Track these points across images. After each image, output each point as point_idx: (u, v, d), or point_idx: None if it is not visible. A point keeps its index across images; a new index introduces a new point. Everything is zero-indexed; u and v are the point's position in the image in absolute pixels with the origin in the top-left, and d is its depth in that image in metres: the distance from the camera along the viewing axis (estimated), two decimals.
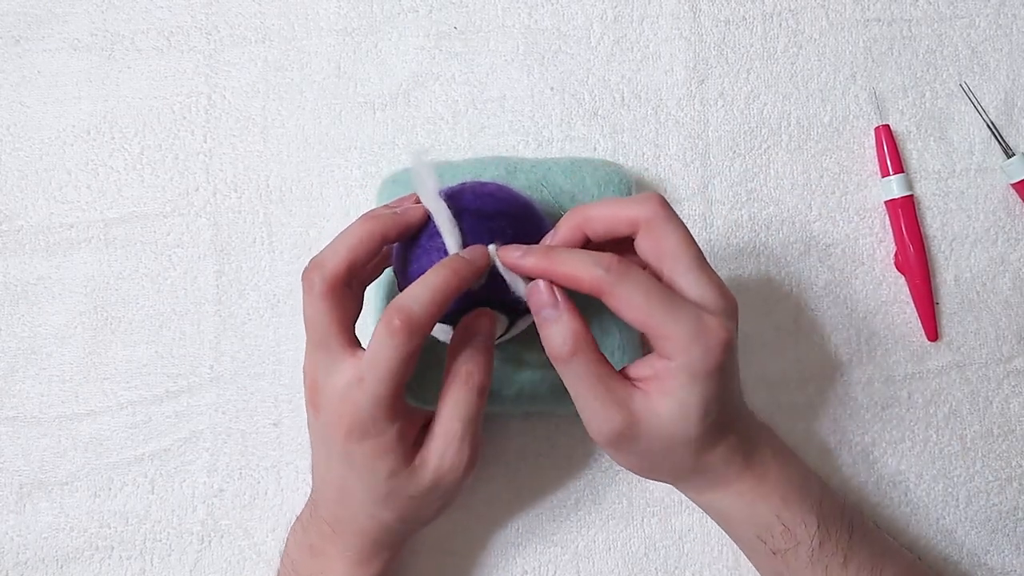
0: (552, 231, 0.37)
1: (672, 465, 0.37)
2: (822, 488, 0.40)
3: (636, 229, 0.35)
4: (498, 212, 0.37)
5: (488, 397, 0.43)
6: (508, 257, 0.35)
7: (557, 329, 0.34)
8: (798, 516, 0.38)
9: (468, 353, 0.36)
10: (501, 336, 0.40)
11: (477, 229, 0.36)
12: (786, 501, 0.38)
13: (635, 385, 0.34)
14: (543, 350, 0.35)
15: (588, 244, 0.36)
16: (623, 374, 0.35)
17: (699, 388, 0.33)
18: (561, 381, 0.42)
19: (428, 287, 0.33)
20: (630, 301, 0.32)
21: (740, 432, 0.37)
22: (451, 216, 0.36)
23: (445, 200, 0.36)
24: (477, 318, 0.36)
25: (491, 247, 0.36)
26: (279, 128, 0.50)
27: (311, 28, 0.51)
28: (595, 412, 0.34)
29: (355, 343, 0.36)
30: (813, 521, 0.38)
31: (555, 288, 0.34)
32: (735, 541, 0.41)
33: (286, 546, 0.41)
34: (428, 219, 0.37)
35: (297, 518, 0.42)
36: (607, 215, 0.35)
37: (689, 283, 0.34)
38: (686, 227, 0.35)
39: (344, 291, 0.35)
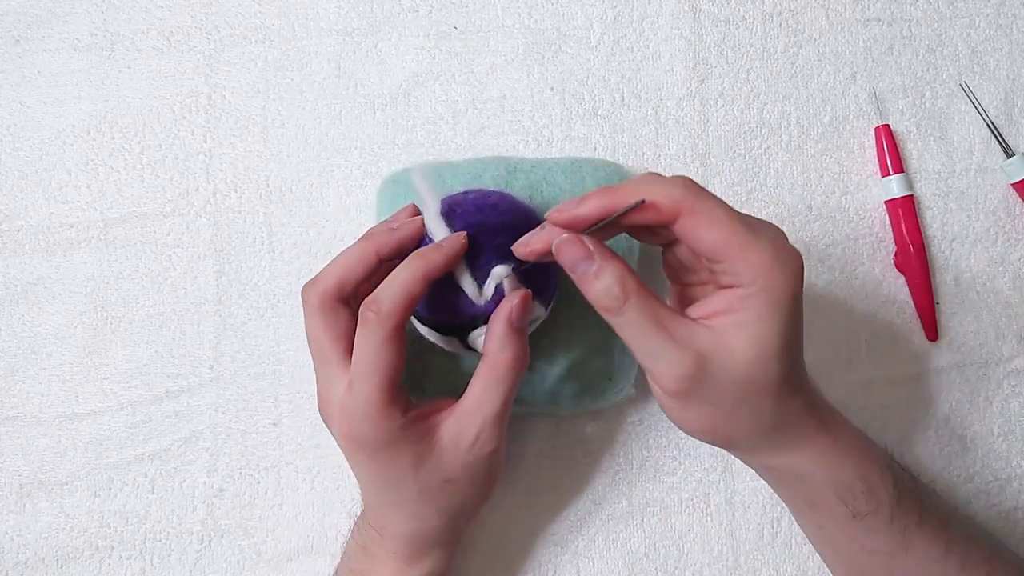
0: (577, 200, 0.34)
1: (751, 415, 0.33)
2: (884, 449, 0.38)
3: (675, 215, 0.32)
4: (501, 226, 0.37)
5: None
6: (561, 216, 0.33)
7: (600, 282, 0.32)
8: (877, 473, 0.35)
9: (516, 338, 0.36)
10: (444, 334, 0.39)
11: (479, 245, 0.36)
12: (863, 460, 0.35)
13: (701, 323, 0.32)
14: (542, 350, 0.35)
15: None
16: (686, 315, 0.33)
17: (780, 318, 0.31)
18: (560, 381, 0.43)
19: (397, 279, 0.34)
20: (712, 216, 0.31)
21: (809, 388, 0.35)
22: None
23: (447, 209, 0.37)
24: (523, 303, 0.36)
25: (495, 268, 0.36)
26: (279, 128, 0.50)
27: (311, 28, 0.51)
28: (657, 359, 0.32)
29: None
30: (890, 479, 0.35)
31: (586, 238, 0.32)
32: (808, 509, 0.37)
33: (346, 544, 0.42)
34: (426, 233, 0.37)
35: (356, 519, 0.42)
36: (640, 192, 0.33)
37: (750, 220, 0.32)
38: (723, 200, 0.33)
39: (337, 307, 0.36)
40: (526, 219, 0.38)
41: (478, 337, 0.37)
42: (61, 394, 0.48)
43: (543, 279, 0.38)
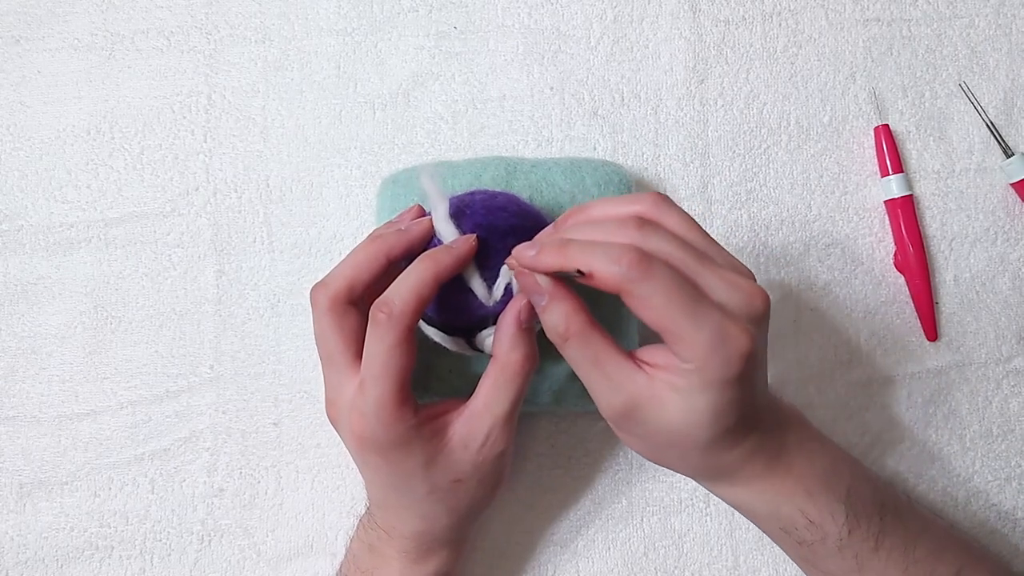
0: (552, 226, 0.36)
1: (680, 460, 0.35)
2: (852, 473, 0.38)
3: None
4: (510, 228, 0.37)
5: None
6: (523, 258, 0.34)
7: (547, 316, 0.33)
8: (824, 509, 0.36)
9: (524, 338, 0.36)
10: (451, 335, 0.39)
11: (488, 246, 0.36)
12: (811, 494, 0.36)
13: (641, 367, 0.33)
14: (548, 350, 0.35)
15: None
16: (632, 355, 0.34)
17: (712, 396, 0.32)
18: (566, 381, 0.43)
19: (408, 280, 0.34)
20: (649, 302, 0.31)
21: (764, 430, 0.36)
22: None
23: (455, 211, 0.37)
24: (523, 303, 0.36)
25: (504, 268, 0.36)
26: (279, 128, 0.50)
27: (311, 28, 0.51)
28: (597, 391, 0.34)
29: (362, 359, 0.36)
30: (841, 511, 0.36)
31: (550, 276, 0.33)
32: (757, 526, 0.39)
33: (350, 542, 0.42)
34: (434, 234, 0.37)
35: (360, 519, 0.42)
36: (609, 215, 0.34)
37: (710, 282, 0.32)
38: (689, 216, 0.34)
39: (347, 308, 0.36)
40: (535, 221, 0.38)
41: (485, 338, 0.37)
42: (61, 394, 0.48)
43: None
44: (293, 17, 0.51)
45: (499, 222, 0.37)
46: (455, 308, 0.37)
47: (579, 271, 0.32)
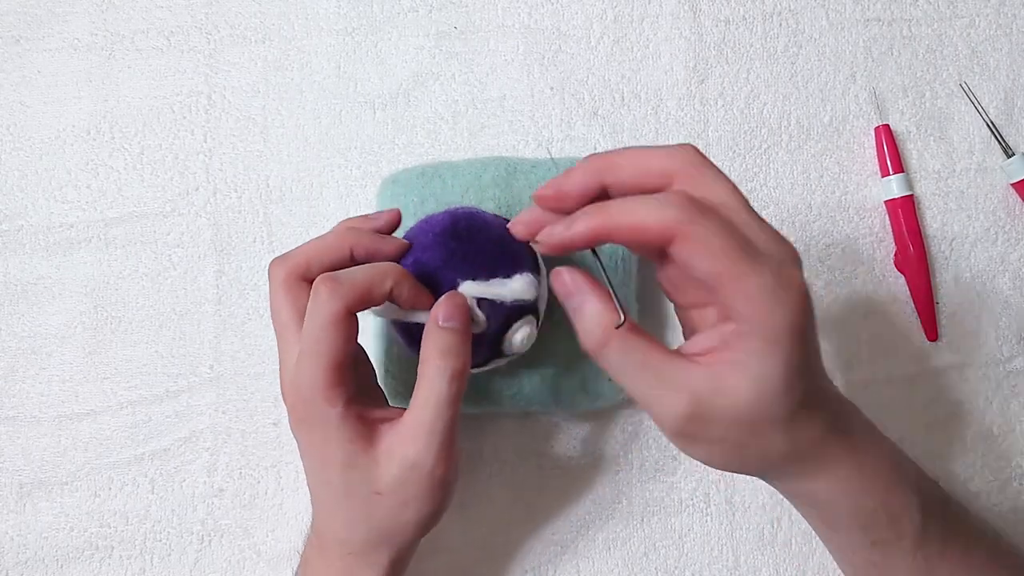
0: (564, 174, 0.32)
1: (760, 451, 0.31)
2: (916, 466, 0.35)
3: (669, 182, 0.30)
4: (475, 252, 0.37)
5: (488, 397, 0.43)
6: (553, 236, 0.31)
7: (580, 321, 0.31)
8: (903, 503, 0.33)
9: (442, 338, 0.34)
10: (481, 368, 0.40)
11: (450, 272, 0.36)
12: (889, 487, 0.33)
13: (695, 361, 0.30)
14: (542, 347, 0.35)
15: (599, 198, 0.32)
16: (679, 352, 0.31)
17: (781, 354, 0.28)
18: (560, 381, 0.43)
19: (367, 269, 0.34)
20: (708, 245, 0.28)
21: (831, 407, 0.32)
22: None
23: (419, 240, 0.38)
24: (452, 300, 0.35)
25: (463, 286, 0.36)
26: (279, 128, 0.50)
27: (311, 28, 0.51)
28: (651, 402, 0.30)
29: None
30: (916, 505, 0.33)
31: (578, 272, 0.31)
32: (828, 530, 0.36)
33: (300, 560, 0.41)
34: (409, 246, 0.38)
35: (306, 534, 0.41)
36: (635, 164, 0.31)
37: (757, 233, 0.29)
38: (725, 176, 0.31)
39: (301, 284, 0.36)
40: (495, 241, 0.38)
41: (514, 333, 0.38)
42: (61, 394, 0.48)
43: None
44: (293, 17, 0.51)
45: (460, 248, 0.37)
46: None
47: (596, 256, 0.29)
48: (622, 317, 0.30)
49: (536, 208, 0.33)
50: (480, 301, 0.36)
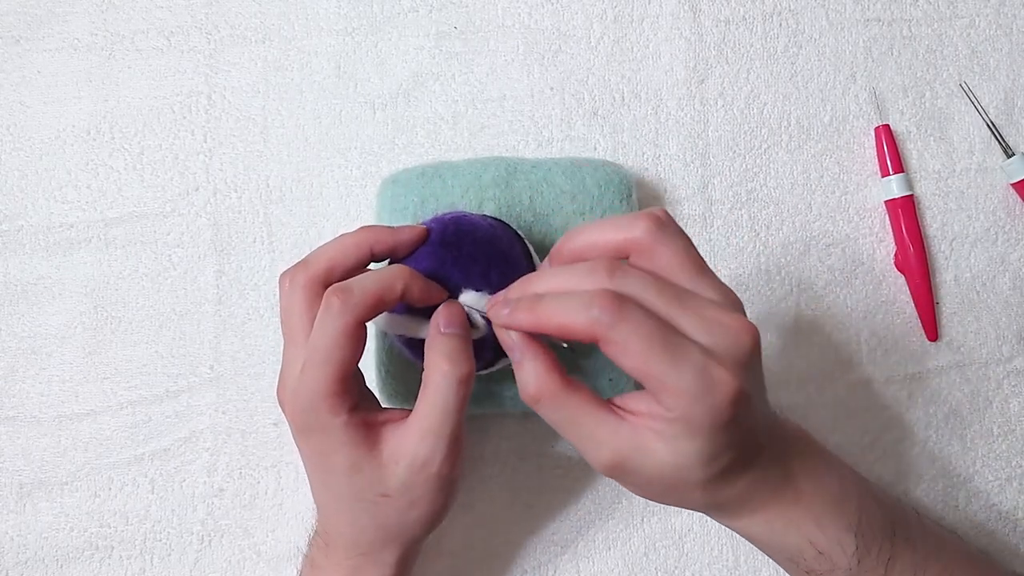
0: (547, 260, 0.35)
1: (681, 501, 0.34)
2: (861, 495, 0.37)
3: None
4: (486, 260, 0.37)
5: (489, 398, 0.43)
6: (497, 317, 0.33)
7: (519, 374, 0.32)
8: (834, 538, 0.35)
9: (446, 344, 0.34)
10: (486, 370, 0.40)
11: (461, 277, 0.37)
12: (820, 523, 0.35)
13: (624, 417, 0.32)
14: None
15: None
16: (613, 404, 0.32)
17: (701, 442, 0.30)
18: None
19: (375, 275, 0.34)
20: (626, 348, 0.29)
21: (766, 459, 0.34)
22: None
23: (443, 238, 0.38)
24: (450, 308, 0.35)
25: (463, 297, 0.36)
26: (279, 128, 0.50)
27: (311, 28, 0.51)
28: (581, 449, 0.33)
29: None
30: (850, 541, 0.35)
31: (523, 334, 0.33)
32: (768, 556, 0.38)
33: (302, 559, 0.41)
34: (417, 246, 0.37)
35: (311, 533, 0.41)
36: (600, 243, 0.33)
37: (691, 323, 0.31)
38: (686, 241, 0.33)
39: (321, 291, 0.35)
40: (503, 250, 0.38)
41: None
42: (61, 394, 0.48)
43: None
44: (293, 17, 0.51)
45: (472, 251, 0.37)
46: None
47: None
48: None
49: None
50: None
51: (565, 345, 0.33)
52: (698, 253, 0.33)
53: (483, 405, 0.43)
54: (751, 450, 0.33)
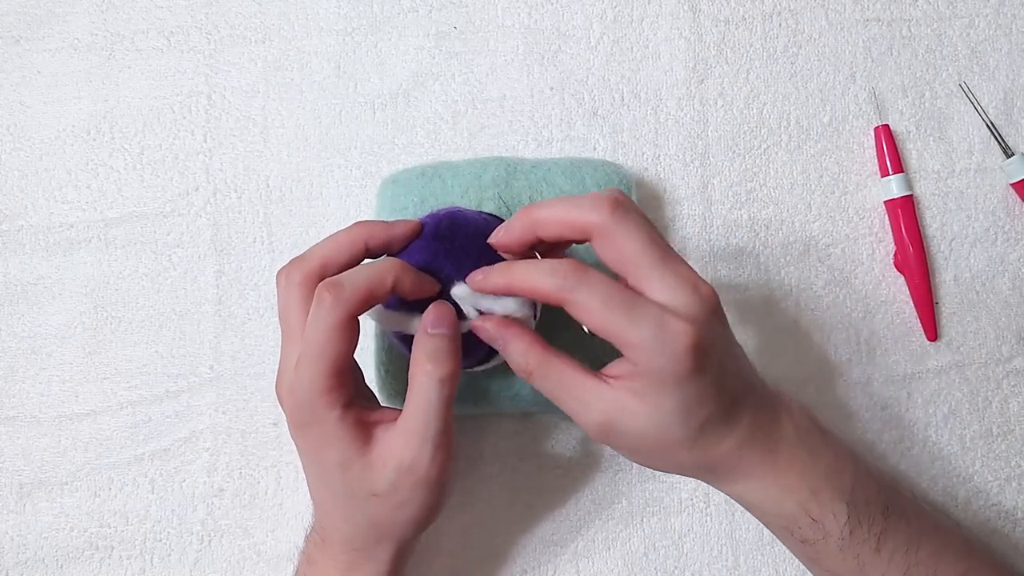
0: (505, 225, 0.36)
1: (671, 462, 0.36)
2: (856, 469, 0.38)
3: (588, 236, 0.34)
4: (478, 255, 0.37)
5: (486, 398, 0.43)
6: (473, 283, 0.36)
7: (509, 355, 0.35)
8: (827, 507, 0.36)
9: (430, 343, 0.35)
10: (483, 365, 0.40)
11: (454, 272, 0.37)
12: (814, 492, 0.36)
13: (607, 383, 0.34)
14: None
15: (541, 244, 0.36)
16: (598, 372, 0.34)
17: (672, 393, 0.32)
18: None
19: (366, 270, 0.35)
20: (588, 307, 0.32)
21: (754, 416, 0.35)
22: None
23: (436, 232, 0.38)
24: (438, 308, 0.36)
25: (456, 288, 0.37)
26: (279, 128, 0.50)
27: (311, 28, 0.51)
28: (572, 415, 0.35)
29: None
30: (843, 511, 0.36)
31: (495, 319, 0.36)
32: (765, 525, 0.39)
33: (299, 555, 0.41)
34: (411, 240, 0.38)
35: (308, 529, 0.41)
36: (556, 220, 0.34)
37: (653, 285, 0.33)
38: (645, 223, 0.34)
39: (316, 286, 0.35)
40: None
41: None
42: (61, 394, 0.48)
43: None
44: (293, 17, 0.51)
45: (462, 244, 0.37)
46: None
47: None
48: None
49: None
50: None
51: (586, 330, 0.34)
52: (660, 236, 0.34)
53: (480, 406, 0.43)
54: (732, 407, 0.34)
